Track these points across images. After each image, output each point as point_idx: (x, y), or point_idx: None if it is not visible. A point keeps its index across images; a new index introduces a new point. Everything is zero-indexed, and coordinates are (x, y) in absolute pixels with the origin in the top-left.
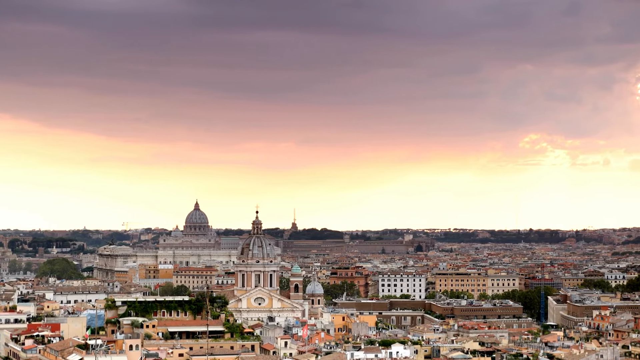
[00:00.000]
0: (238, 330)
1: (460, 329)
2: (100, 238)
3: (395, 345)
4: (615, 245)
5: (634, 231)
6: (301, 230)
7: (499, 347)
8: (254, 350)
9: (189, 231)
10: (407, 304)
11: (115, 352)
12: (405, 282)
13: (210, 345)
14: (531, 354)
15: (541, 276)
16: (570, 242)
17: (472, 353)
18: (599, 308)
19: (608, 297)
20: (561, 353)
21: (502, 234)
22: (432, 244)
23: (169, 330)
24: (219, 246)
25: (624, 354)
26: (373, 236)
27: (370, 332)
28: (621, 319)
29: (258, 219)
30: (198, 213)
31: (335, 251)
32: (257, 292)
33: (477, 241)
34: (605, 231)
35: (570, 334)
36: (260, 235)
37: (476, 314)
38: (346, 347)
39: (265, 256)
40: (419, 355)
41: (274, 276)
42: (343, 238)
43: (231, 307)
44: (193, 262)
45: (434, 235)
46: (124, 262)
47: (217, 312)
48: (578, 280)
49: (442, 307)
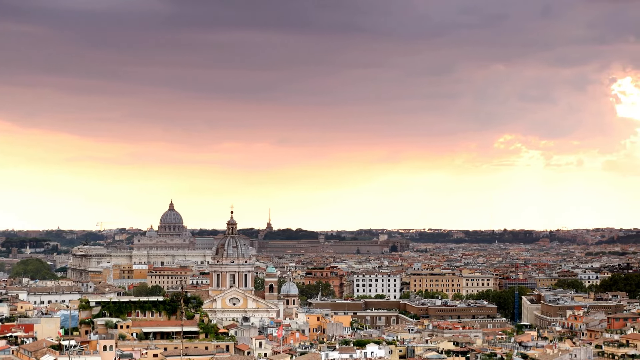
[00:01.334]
0: (213, 331)
1: (435, 329)
2: (74, 238)
3: (370, 345)
4: (588, 245)
5: (607, 231)
6: (276, 231)
7: (473, 347)
8: (229, 350)
9: (164, 231)
10: (381, 304)
11: (89, 353)
12: (380, 282)
13: (184, 345)
14: (505, 353)
15: (515, 276)
16: (544, 243)
17: (446, 353)
18: (572, 308)
19: (581, 297)
20: (535, 353)
21: (477, 234)
22: (407, 244)
23: (144, 330)
24: (194, 246)
25: (597, 353)
26: (348, 236)
27: (345, 332)
28: (594, 318)
29: (233, 219)
30: (173, 213)
31: (310, 251)
32: (231, 293)
33: (452, 241)
34: (579, 231)
35: (544, 334)
36: (235, 236)
37: (450, 314)
38: (321, 347)
39: (240, 256)
40: (393, 355)
41: (249, 276)
42: (318, 238)
43: (206, 307)
44: (167, 262)
45: (408, 236)
46: (98, 263)
47: (191, 313)
48: (552, 281)
49: (417, 307)
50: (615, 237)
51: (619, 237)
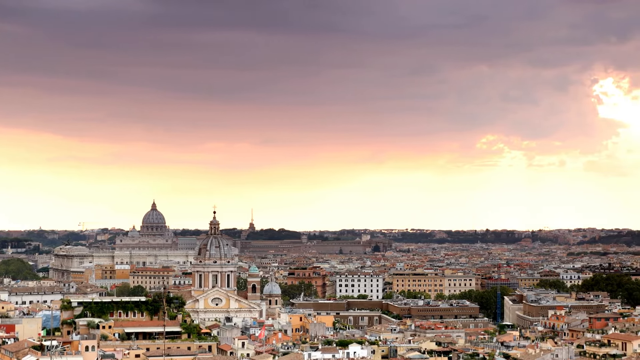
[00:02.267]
0: (195, 331)
1: (417, 329)
2: (56, 238)
3: (353, 345)
4: (570, 245)
5: (589, 232)
6: (259, 231)
7: (456, 347)
8: (211, 350)
9: (146, 231)
10: (364, 304)
11: (71, 353)
12: (362, 282)
13: (167, 346)
14: (487, 353)
15: (497, 276)
16: (526, 243)
17: (429, 353)
18: (554, 308)
19: (563, 297)
20: (517, 353)
21: (459, 234)
22: (390, 244)
23: (126, 331)
24: (176, 246)
25: (578, 353)
26: (331, 236)
27: (327, 332)
28: (576, 318)
29: (215, 219)
30: (155, 213)
31: (293, 251)
32: (214, 293)
33: (434, 241)
34: (561, 232)
35: (526, 334)
36: (218, 236)
37: (433, 314)
38: (303, 347)
39: (223, 256)
40: (376, 355)
41: (232, 276)
42: (301, 238)
43: (188, 307)
44: (150, 262)
45: (391, 236)
46: (80, 263)
47: (174, 313)
48: (534, 281)
49: (399, 307)
50: (597, 237)
51: (601, 237)
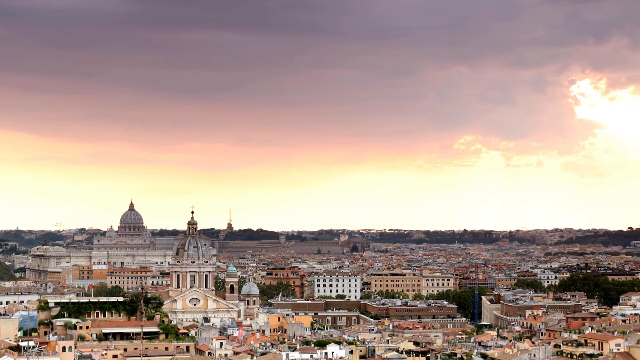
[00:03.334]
0: (173, 331)
1: (395, 329)
2: (33, 238)
3: (331, 345)
4: (547, 245)
5: (566, 232)
6: (237, 231)
7: (434, 347)
8: (189, 351)
9: (124, 231)
10: (342, 304)
11: (48, 354)
12: (340, 282)
13: (144, 346)
14: (465, 353)
15: (475, 276)
16: (504, 243)
17: (406, 353)
18: (531, 308)
19: (540, 297)
20: (494, 352)
21: (437, 234)
22: (368, 244)
23: (103, 331)
24: (154, 246)
25: (555, 353)
26: (309, 237)
27: (305, 332)
28: (553, 318)
29: (193, 220)
30: (133, 213)
31: (271, 252)
32: (192, 293)
33: (412, 242)
34: (538, 232)
35: (503, 334)
36: (196, 236)
37: (411, 314)
38: (281, 347)
39: (201, 257)
40: (354, 355)
41: (210, 277)
42: (279, 238)
43: (166, 307)
44: (127, 262)
45: (369, 236)
46: (58, 263)
47: (151, 313)
48: (511, 281)
49: (377, 307)
50: (574, 238)
51: (578, 238)
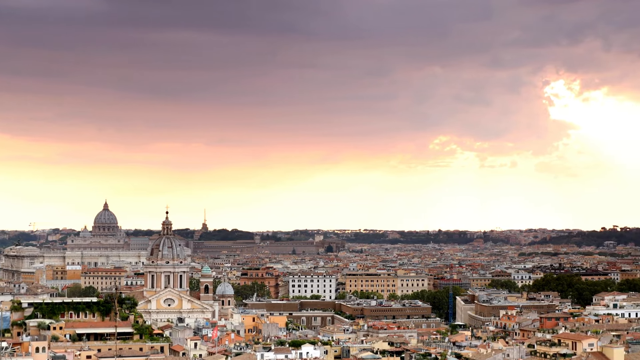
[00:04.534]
0: (147, 332)
1: (370, 329)
2: (6, 239)
3: (306, 345)
4: (521, 246)
5: (540, 232)
6: (211, 231)
7: (408, 347)
8: (164, 351)
9: (98, 232)
10: (317, 304)
11: (21, 355)
12: (315, 282)
13: (118, 346)
14: (439, 353)
15: (450, 276)
16: (478, 243)
17: (381, 353)
18: (505, 308)
19: (514, 297)
20: (469, 352)
21: (412, 234)
22: (343, 244)
23: (77, 332)
24: (128, 247)
25: (529, 352)
26: (284, 237)
27: (280, 332)
28: (527, 318)
29: (168, 220)
30: (107, 213)
31: (246, 252)
32: (166, 293)
33: (387, 242)
34: (512, 232)
35: (477, 334)
36: (170, 236)
37: (386, 314)
38: (256, 348)
39: (175, 257)
40: (328, 355)
41: (184, 277)
42: (253, 239)
43: (140, 308)
44: (102, 263)
45: (344, 236)
46: (31, 263)
47: (126, 314)
48: (485, 281)
49: (352, 307)
50: (548, 238)
51: (552, 238)
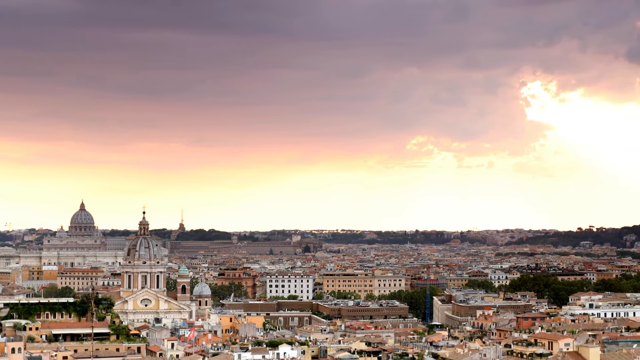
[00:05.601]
0: (124, 332)
1: (347, 329)
2: None
3: (283, 346)
4: (498, 246)
5: (516, 232)
6: (189, 231)
7: (385, 347)
8: (140, 352)
9: (74, 232)
10: (294, 304)
11: None
12: (293, 282)
13: (95, 347)
14: (417, 353)
15: (427, 277)
16: (455, 243)
17: (358, 353)
18: (482, 308)
19: (491, 297)
20: (446, 352)
21: (389, 235)
22: (320, 244)
23: (53, 332)
24: (105, 247)
25: (506, 352)
26: (261, 237)
27: (257, 333)
28: (504, 318)
29: (145, 220)
30: (83, 213)
31: (223, 252)
32: (143, 294)
33: (364, 242)
34: (489, 232)
35: (454, 334)
36: (147, 236)
37: (363, 315)
38: (233, 348)
39: (152, 257)
40: (306, 355)
41: (161, 277)
42: (231, 239)
43: (117, 308)
44: (78, 263)
45: (321, 236)
46: (7, 263)
47: (102, 314)
48: (462, 281)
49: (330, 307)
50: (525, 238)
51: (528, 238)
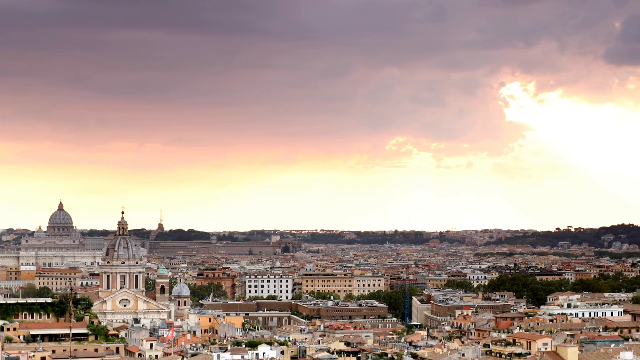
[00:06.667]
0: (102, 333)
1: (327, 330)
2: None
3: (262, 346)
4: (477, 246)
5: (495, 232)
6: (168, 231)
7: (365, 347)
8: (119, 352)
9: (53, 232)
10: (273, 304)
11: None
12: (272, 283)
13: (73, 347)
14: (396, 353)
15: (406, 277)
16: (434, 243)
17: (337, 353)
18: (461, 308)
19: (470, 297)
20: (425, 352)
21: (368, 235)
22: (299, 245)
23: (31, 333)
24: (84, 247)
25: (484, 352)
26: (240, 237)
27: (236, 333)
28: (482, 318)
29: (124, 220)
30: (62, 213)
31: (202, 252)
32: (122, 294)
33: (344, 242)
34: (468, 232)
35: (433, 334)
36: (126, 236)
37: (342, 315)
38: (212, 348)
39: (131, 257)
40: (285, 356)
41: (140, 277)
42: (210, 239)
43: (96, 309)
44: (57, 263)
45: (300, 236)
46: None
47: (81, 314)
48: (441, 281)
49: (309, 307)
50: (503, 238)
51: (507, 238)
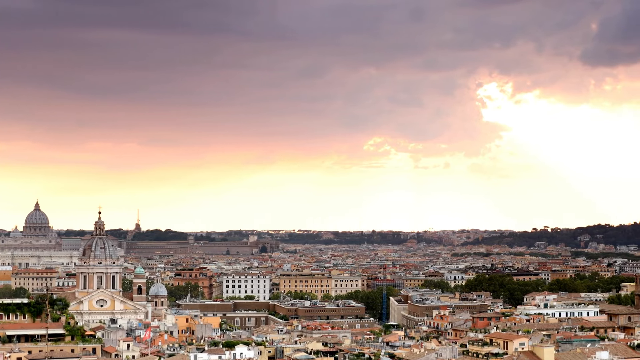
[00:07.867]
0: (79, 333)
1: (304, 330)
2: None
3: (239, 346)
4: (454, 246)
5: (472, 233)
6: (145, 231)
7: (342, 347)
8: (96, 353)
9: (29, 232)
10: (251, 305)
11: None
12: (249, 283)
13: (50, 348)
14: (373, 353)
15: (383, 277)
16: (412, 244)
17: (315, 353)
18: (438, 308)
19: (447, 297)
20: (402, 352)
21: (346, 235)
22: (277, 245)
23: (7, 333)
24: (60, 247)
25: (462, 352)
26: (217, 237)
27: (214, 333)
28: (460, 318)
29: (100, 220)
30: (38, 213)
31: (180, 252)
32: (99, 294)
33: (321, 242)
34: (445, 233)
35: (410, 334)
36: (103, 236)
37: (320, 315)
38: (190, 349)
39: (108, 257)
40: (262, 356)
41: (117, 278)
42: (187, 239)
43: (72, 309)
44: (33, 263)
45: (278, 237)
46: None
47: (57, 315)
48: (419, 281)
49: (286, 307)
50: (480, 238)
51: (484, 239)
